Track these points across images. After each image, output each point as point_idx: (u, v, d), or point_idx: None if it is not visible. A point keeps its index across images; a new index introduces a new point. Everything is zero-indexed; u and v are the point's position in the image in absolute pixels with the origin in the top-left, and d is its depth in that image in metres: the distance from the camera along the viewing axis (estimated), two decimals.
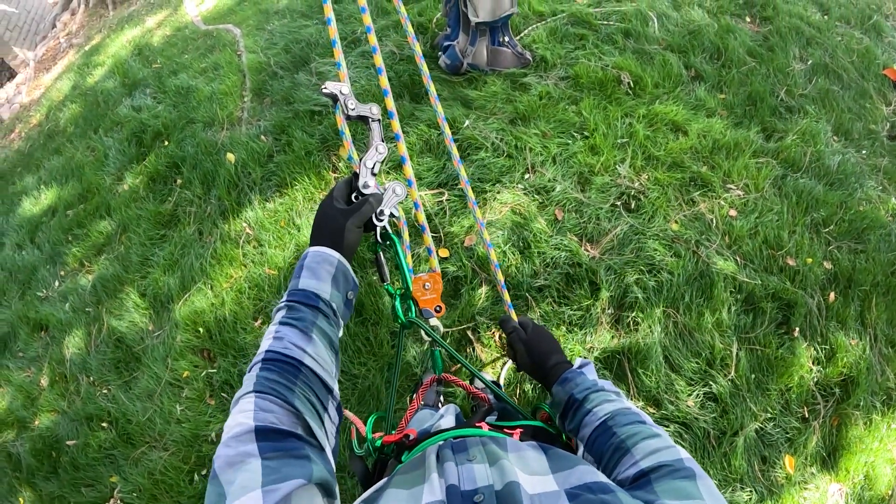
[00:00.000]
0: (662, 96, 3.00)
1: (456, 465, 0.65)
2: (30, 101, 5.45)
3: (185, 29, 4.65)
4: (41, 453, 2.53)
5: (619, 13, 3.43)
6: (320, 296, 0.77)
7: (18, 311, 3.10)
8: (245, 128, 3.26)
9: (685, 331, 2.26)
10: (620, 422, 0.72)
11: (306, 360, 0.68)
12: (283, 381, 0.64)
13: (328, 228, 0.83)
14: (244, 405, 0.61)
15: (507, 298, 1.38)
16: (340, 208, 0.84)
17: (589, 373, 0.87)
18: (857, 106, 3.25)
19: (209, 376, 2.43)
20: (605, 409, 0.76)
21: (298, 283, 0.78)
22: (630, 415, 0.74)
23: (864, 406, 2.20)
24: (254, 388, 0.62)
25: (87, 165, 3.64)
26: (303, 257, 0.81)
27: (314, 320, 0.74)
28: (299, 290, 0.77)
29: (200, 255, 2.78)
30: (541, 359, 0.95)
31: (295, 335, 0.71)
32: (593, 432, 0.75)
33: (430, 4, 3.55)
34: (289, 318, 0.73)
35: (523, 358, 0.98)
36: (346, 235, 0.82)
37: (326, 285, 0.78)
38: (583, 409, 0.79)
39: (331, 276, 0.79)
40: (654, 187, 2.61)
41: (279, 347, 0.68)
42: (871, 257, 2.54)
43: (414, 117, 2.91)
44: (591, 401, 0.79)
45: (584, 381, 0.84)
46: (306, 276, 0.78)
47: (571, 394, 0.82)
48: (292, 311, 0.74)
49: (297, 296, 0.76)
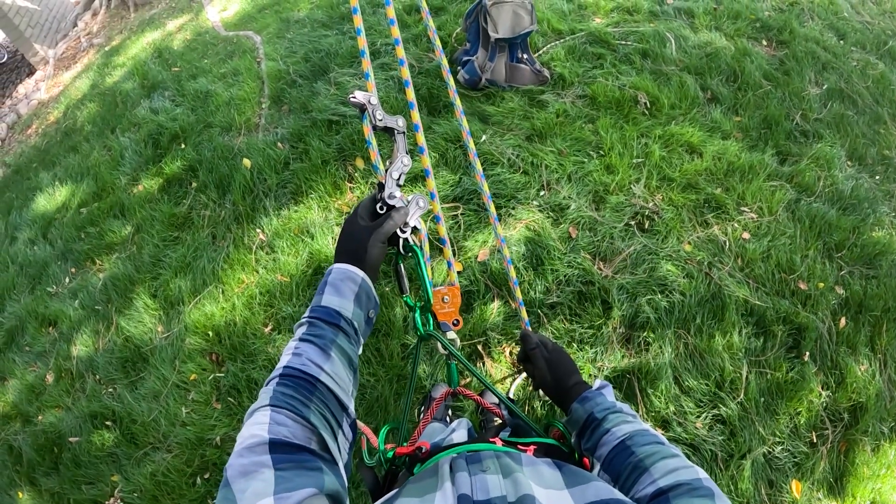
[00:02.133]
0: (678, 117, 3.01)
1: (469, 475, 0.64)
2: (48, 98, 5.51)
3: (205, 34, 4.71)
4: (43, 448, 2.53)
5: (638, 33, 3.46)
6: (342, 314, 0.77)
7: (28, 306, 3.12)
8: (262, 134, 3.29)
9: (696, 352, 2.25)
10: (639, 441, 0.72)
11: (323, 378, 0.69)
12: (299, 396, 0.64)
13: (352, 245, 0.83)
14: (259, 417, 0.61)
15: (524, 315, 1.38)
16: (365, 225, 0.84)
17: (608, 394, 0.88)
18: (872, 131, 3.26)
19: (217, 380, 2.43)
20: (624, 430, 0.76)
21: (321, 299, 0.78)
22: (648, 435, 0.74)
23: (872, 432, 2.18)
24: (269, 401, 0.63)
25: (103, 164, 3.67)
26: (327, 273, 0.81)
27: (334, 338, 0.74)
28: (321, 306, 0.77)
29: (213, 258, 2.79)
30: (562, 377, 0.96)
31: (314, 352, 0.71)
32: (611, 451, 0.75)
33: (450, 19, 3.59)
34: (309, 335, 0.73)
35: (543, 375, 0.98)
36: (369, 252, 0.82)
37: (349, 303, 0.78)
38: (601, 429, 0.79)
39: (354, 294, 0.79)
40: (669, 208, 2.62)
41: (297, 364, 0.69)
42: (883, 283, 2.53)
43: (431, 130, 2.93)
44: (609, 421, 0.79)
45: (603, 402, 0.84)
46: (329, 292, 0.78)
47: (591, 412, 0.83)
48: (313, 328, 0.75)
49: (319, 312, 0.76)
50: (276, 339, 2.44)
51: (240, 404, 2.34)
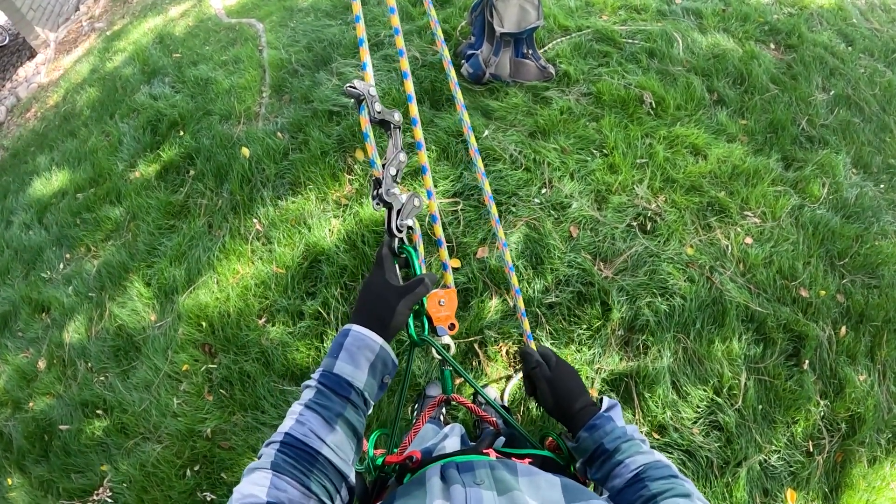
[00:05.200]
0: (684, 118, 2.98)
1: (463, 486, 0.63)
2: (48, 81, 5.45)
3: (207, 21, 4.65)
4: (33, 436, 2.51)
5: (645, 32, 3.42)
6: (354, 385, 0.74)
7: (21, 291, 3.09)
8: (262, 123, 3.25)
9: (694, 357, 2.23)
10: (653, 475, 0.72)
11: (325, 451, 0.67)
12: (299, 467, 0.65)
13: (379, 309, 0.79)
14: (259, 478, 0.61)
15: (526, 328, 1.31)
16: (395, 287, 0.81)
17: (616, 417, 0.84)
18: (878, 139, 3.23)
19: (209, 372, 2.40)
20: (638, 462, 0.75)
21: (334, 365, 0.74)
22: (663, 468, 0.73)
23: (869, 443, 2.17)
24: (271, 465, 0.63)
25: (101, 150, 3.63)
26: (344, 332, 0.77)
27: (341, 411, 0.72)
28: (333, 374, 0.74)
29: (208, 248, 2.76)
30: (566, 401, 0.89)
31: (318, 423, 0.69)
32: (626, 483, 0.74)
33: (456, 12, 3.55)
34: (315, 404, 0.71)
35: (546, 397, 0.92)
36: (396, 318, 0.79)
37: (363, 373, 0.75)
38: (613, 460, 0.77)
39: (369, 364, 0.76)
40: (671, 210, 2.59)
41: (299, 433, 0.67)
42: (885, 293, 2.52)
43: (433, 124, 2.89)
44: (622, 451, 0.77)
45: (613, 430, 0.81)
46: (344, 359, 0.75)
47: (601, 443, 0.80)
48: (321, 396, 0.72)
49: (330, 381, 0.73)
50: (269, 331, 2.41)
51: (231, 397, 2.31)
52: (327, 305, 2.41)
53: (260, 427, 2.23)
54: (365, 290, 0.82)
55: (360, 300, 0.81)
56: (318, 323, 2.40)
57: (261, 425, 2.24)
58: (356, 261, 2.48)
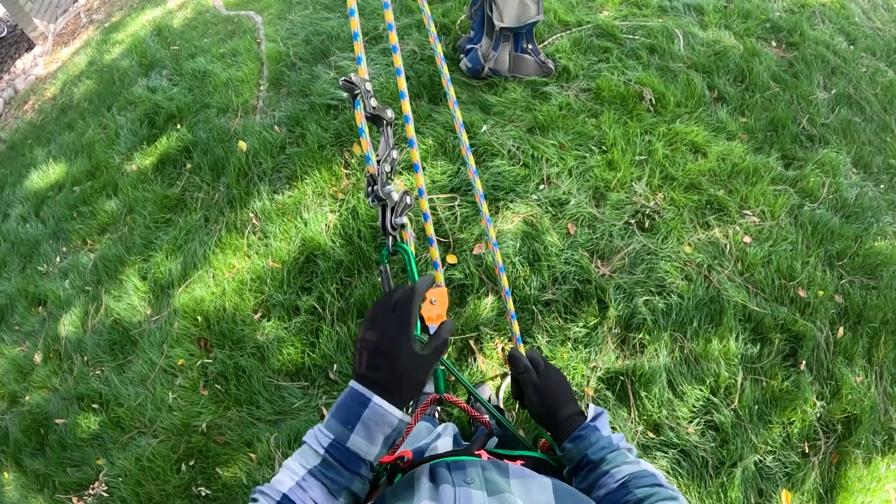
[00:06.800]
0: (684, 116, 2.96)
1: (453, 485, 0.62)
2: (46, 73, 5.43)
3: (206, 13, 4.62)
4: (30, 429, 2.51)
5: (646, 28, 3.39)
6: (366, 460, 0.69)
7: (18, 284, 3.08)
8: (259, 117, 3.23)
9: (691, 356, 2.23)
10: (638, 483, 0.72)
11: None
12: None
13: (403, 379, 0.71)
14: None
15: (516, 331, 1.26)
16: (423, 358, 0.72)
17: (602, 426, 0.82)
18: (879, 139, 3.21)
19: (204, 366, 2.40)
20: (624, 472, 0.75)
21: (347, 438, 0.67)
22: (648, 476, 0.73)
23: (865, 445, 2.17)
24: None
25: (98, 143, 3.61)
26: (360, 400, 0.69)
27: (348, 484, 0.68)
28: (345, 448, 0.67)
29: (205, 242, 2.75)
30: (552, 409, 0.88)
31: (321, 494, 0.66)
32: (612, 493, 0.74)
33: (455, 6, 3.52)
34: (321, 474, 0.66)
35: (532, 403, 0.90)
36: (420, 387, 0.73)
37: (377, 448, 0.69)
38: (598, 471, 0.77)
39: (384, 437, 0.70)
40: (670, 208, 2.57)
41: (298, 500, 0.64)
42: (883, 294, 2.51)
43: (431, 119, 2.87)
44: (607, 462, 0.77)
45: (598, 440, 0.80)
46: (360, 433, 0.68)
47: (585, 454, 0.79)
48: (328, 468, 0.67)
49: (342, 455, 0.67)
50: (264, 326, 2.40)
51: (227, 391, 2.31)
52: (323, 301, 2.40)
53: (255, 422, 2.23)
54: (385, 353, 0.71)
55: (377, 361, 0.71)
56: (314, 318, 2.40)
57: (256, 420, 2.23)
58: (352, 256, 2.47)
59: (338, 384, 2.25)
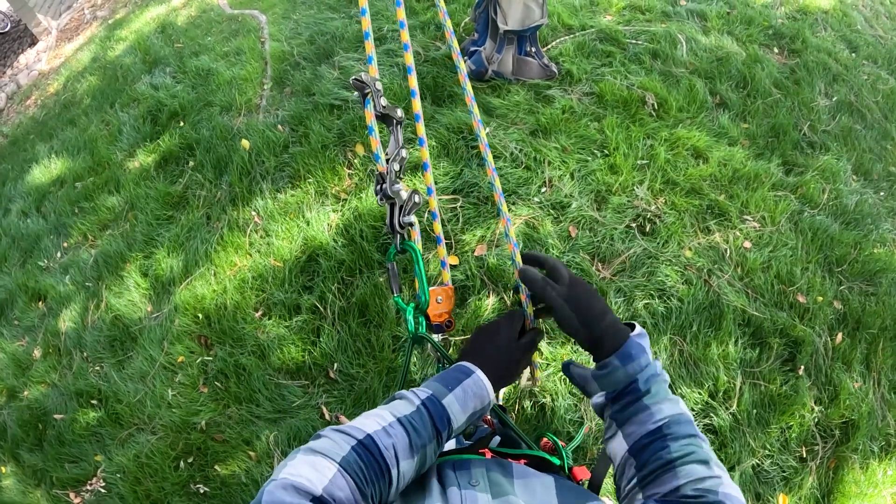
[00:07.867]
0: (686, 121, 2.97)
1: (459, 488, 0.63)
2: (49, 69, 5.43)
3: (210, 11, 4.63)
4: (28, 424, 2.51)
5: (649, 33, 3.40)
6: (452, 423, 0.72)
7: (18, 279, 3.08)
8: (262, 116, 3.24)
9: (690, 360, 2.23)
10: (676, 433, 0.68)
11: (394, 472, 0.65)
12: (368, 474, 0.62)
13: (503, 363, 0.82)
14: (321, 466, 0.59)
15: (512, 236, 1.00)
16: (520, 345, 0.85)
17: (647, 345, 0.76)
18: (879, 147, 3.23)
19: (204, 364, 2.40)
20: (664, 413, 0.70)
21: (445, 395, 0.73)
22: (686, 424, 0.69)
23: (862, 450, 2.18)
24: (340, 462, 0.61)
25: (101, 139, 3.62)
26: (464, 370, 0.77)
27: (427, 443, 0.69)
28: (442, 405, 0.72)
29: (206, 239, 2.75)
30: (588, 318, 0.77)
31: (403, 444, 0.67)
32: (646, 436, 0.69)
33: (459, 8, 3.53)
34: (410, 424, 0.68)
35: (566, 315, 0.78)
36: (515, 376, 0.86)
37: (463, 417, 0.74)
38: (641, 403, 0.71)
39: (473, 410, 0.75)
40: (671, 212, 2.58)
41: (382, 443, 0.65)
42: (882, 301, 2.52)
43: (434, 120, 2.88)
44: (652, 395, 0.71)
45: (647, 363, 0.72)
46: (457, 396, 0.73)
47: (636, 379, 0.71)
48: (419, 419, 0.70)
49: (436, 409, 0.71)
50: (265, 324, 2.41)
51: (226, 389, 2.31)
52: (324, 300, 2.41)
53: (254, 420, 2.23)
54: (491, 341, 0.84)
55: (483, 346, 0.84)
56: (315, 317, 2.40)
57: (255, 418, 2.23)
58: (354, 256, 2.47)
59: (338, 383, 2.25)
